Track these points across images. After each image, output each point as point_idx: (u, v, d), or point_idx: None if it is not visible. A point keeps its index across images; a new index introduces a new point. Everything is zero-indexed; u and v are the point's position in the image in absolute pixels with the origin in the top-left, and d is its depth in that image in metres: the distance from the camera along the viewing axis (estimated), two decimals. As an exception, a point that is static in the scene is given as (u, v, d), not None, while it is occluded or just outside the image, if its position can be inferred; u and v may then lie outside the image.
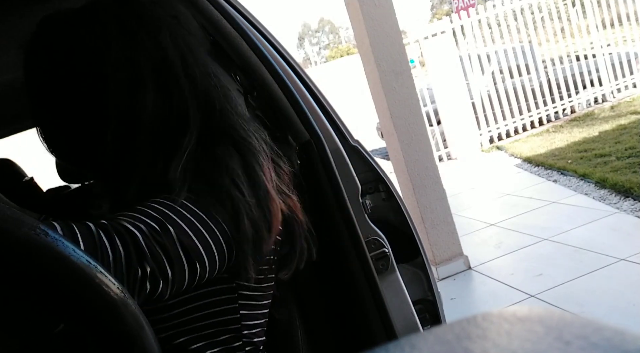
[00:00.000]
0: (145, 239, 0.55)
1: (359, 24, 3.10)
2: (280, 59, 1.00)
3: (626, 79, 7.64)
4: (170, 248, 0.56)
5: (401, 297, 1.01)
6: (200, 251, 0.59)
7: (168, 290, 0.57)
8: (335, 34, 72.75)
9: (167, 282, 0.56)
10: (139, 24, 0.68)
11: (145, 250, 0.54)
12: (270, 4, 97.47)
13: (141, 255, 0.54)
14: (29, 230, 0.39)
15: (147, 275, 0.54)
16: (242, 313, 0.72)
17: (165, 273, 0.56)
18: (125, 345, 0.42)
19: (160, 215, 0.58)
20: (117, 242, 0.52)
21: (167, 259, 0.56)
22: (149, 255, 0.54)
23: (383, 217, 1.07)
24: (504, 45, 7.26)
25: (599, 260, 2.93)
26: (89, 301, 0.41)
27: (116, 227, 0.54)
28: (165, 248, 0.56)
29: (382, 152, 8.76)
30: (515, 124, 7.22)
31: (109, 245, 0.52)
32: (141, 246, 0.54)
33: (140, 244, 0.54)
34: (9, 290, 0.40)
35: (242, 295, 0.71)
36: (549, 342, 0.16)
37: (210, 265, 0.61)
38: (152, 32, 0.68)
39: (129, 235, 0.54)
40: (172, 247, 0.57)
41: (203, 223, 0.61)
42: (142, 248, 0.54)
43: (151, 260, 0.54)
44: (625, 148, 4.91)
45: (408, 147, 3.13)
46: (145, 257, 0.54)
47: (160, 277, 0.55)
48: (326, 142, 0.98)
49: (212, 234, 0.61)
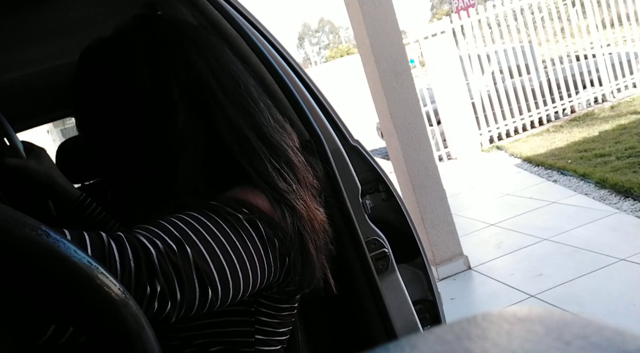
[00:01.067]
0: (159, 257, 0.53)
1: (359, 24, 3.10)
2: (280, 59, 1.00)
3: (626, 79, 7.64)
4: (183, 270, 0.54)
5: (401, 297, 1.01)
6: (215, 278, 0.57)
7: (175, 313, 0.55)
8: (335, 34, 72.73)
9: (175, 304, 0.54)
10: (166, 48, 0.69)
11: (158, 268, 0.52)
12: (270, 4, 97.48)
13: (152, 272, 0.52)
14: (30, 230, 0.39)
15: (156, 294, 0.52)
16: (257, 338, 0.70)
17: (174, 294, 0.54)
18: (125, 345, 0.42)
19: (181, 233, 0.56)
20: (129, 254, 0.51)
21: (178, 280, 0.54)
22: (160, 273, 0.52)
23: (383, 217, 1.07)
24: (504, 45, 7.26)
25: (599, 260, 2.93)
26: (89, 302, 0.41)
27: (131, 240, 0.53)
28: (178, 269, 0.54)
29: (382, 152, 8.76)
30: (515, 124, 7.22)
31: (119, 256, 0.50)
32: (154, 263, 0.52)
33: (153, 261, 0.52)
34: (9, 290, 0.40)
35: (260, 320, 0.70)
36: (549, 342, 0.16)
37: (223, 293, 0.59)
38: (179, 53, 0.69)
39: (143, 250, 0.52)
40: (187, 269, 0.55)
41: (222, 247, 0.59)
42: (155, 266, 0.52)
43: (162, 279, 0.52)
44: (625, 148, 4.91)
45: (408, 147, 3.13)
46: (156, 275, 0.52)
47: (169, 298, 0.53)
48: (326, 142, 0.98)
49: (229, 259, 0.59)
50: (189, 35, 0.71)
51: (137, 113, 0.68)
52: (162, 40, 0.69)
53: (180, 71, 0.68)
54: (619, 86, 7.64)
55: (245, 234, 0.61)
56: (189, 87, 0.68)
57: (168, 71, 0.67)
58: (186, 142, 0.67)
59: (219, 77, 0.69)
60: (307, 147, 0.94)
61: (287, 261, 0.66)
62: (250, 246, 0.61)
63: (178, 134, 0.67)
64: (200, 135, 0.68)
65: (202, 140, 0.68)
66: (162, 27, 0.71)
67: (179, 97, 0.67)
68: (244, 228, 0.62)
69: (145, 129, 0.68)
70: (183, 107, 0.67)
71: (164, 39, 0.69)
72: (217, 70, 0.70)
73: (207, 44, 0.72)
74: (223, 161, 0.69)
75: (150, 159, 0.68)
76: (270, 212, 0.66)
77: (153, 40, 0.69)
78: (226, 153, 0.68)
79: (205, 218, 0.60)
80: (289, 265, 0.67)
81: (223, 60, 0.72)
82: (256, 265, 0.62)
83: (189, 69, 0.68)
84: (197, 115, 0.68)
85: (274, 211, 0.66)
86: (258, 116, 0.71)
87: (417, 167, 3.15)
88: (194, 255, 0.56)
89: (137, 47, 0.69)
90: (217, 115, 0.68)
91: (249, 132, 0.69)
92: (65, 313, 0.41)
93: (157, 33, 0.70)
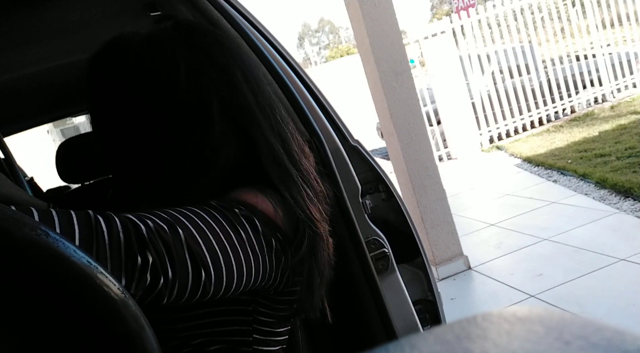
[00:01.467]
0: (149, 232, 0.52)
1: (359, 24, 3.10)
2: (280, 59, 1.00)
3: (626, 79, 7.64)
4: (174, 247, 0.54)
5: (401, 297, 1.01)
6: (207, 260, 0.57)
7: (167, 291, 0.54)
8: (335, 34, 72.74)
9: (168, 280, 0.53)
10: (211, 62, 0.68)
11: (148, 241, 0.51)
12: (270, 4, 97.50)
13: (142, 244, 0.51)
14: (29, 230, 0.39)
15: (148, 265, 0.51)
16: (255, 338, 0.70)
17: (166, 269, 0.52)
18: (125, 345, 0.42)
19: (172, 217, 0.56)
20: (118, 227, 0.50)
21: (169, 256, 0.53)
22: (151, 245, 0.52)
23: (383, 217, 1.07)
24: (504, 45, 7.26)
25: (599, 260, 2.93)
26: (89, 301, 0.41)
27: (120, 217, 0.52)
28: (168, 245, 0.53)
29: (382, 152, 8.76)
30: (515, 124, 7.22)
31: (107, 228, 0.49)
32: (143, 236, 0.51)
33: (143, 235, 0.52)
34: (9, 290, 0.40)
35: (257, 320, 0.70)
36: (549, 342, 0.16)
37: (216, 278, 0.58)
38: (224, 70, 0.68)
39: (132, 224, 0.52)
40: (178, 247, 0.54)
41: (215, 235, 0.59)
42: (144, 238, 0.51)
43: (153, 251, 0.51)
44: (625, 148, 4.91)
45: (408, 147, 3.13)
46: (147, 246, 0.51)
47: (161, 272, 0.52)
48: (326, 142, 0.98)
49: (222, 246, 0.59)
50: (232, 54, 0.71)
51: (172, 115, 0.66)
52: (207, 53, 0.68)
53: (223, 89, 0.68)
54: (619, 86, 7.64)
55: (241, 227, 0.61)
56: (230, 105, 0.68)
57: (210, 84, 0.67)
58: (219, 154, 0.67)
59: (258, 99, 0.70)
60: None
61: (284, 261, 0.66)
62: (245, 239, 0.61)
63: (213, 144, 0.67)
64: (232, 152, 0.68)
65: (234, 157, 0.68)
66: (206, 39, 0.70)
67: (217, 109, 0.67)
68: (239, 222, 0.61)
69: (179, 133, 0.66)
70: (220, 119, 0.67)
71: (210, 52, 0.69)
72: (257, 93, 0.70)
73: (249, 65, 0.72)
74: (246, 179, 0.69)
75: (179, 163, 0.67)
76: (272, 214, 0.66)
77: (196, 51, 0.68)
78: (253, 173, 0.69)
79: (201, 210, 0.60)
80: (286, 266, 0.67)
81: (261, 82, 0.72)
82: (250, 259, 0.61)
83: (232, 88, 0.68)
84: (233, 132, 0.68)
85: (275, 214, 0.66)
86: (290, 141, 0.71)
87: (417, 167, 3.15)
88: (185, 236, 0.55)
89: (178, 52, 0.67)
90: (261, 141, 0.68)
91: (284, 157, 0.69)
92: (65, 313, 0.41)
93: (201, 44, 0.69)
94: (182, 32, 0.69)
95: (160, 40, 0.68)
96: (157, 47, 0.67)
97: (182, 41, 0.68)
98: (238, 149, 0.69)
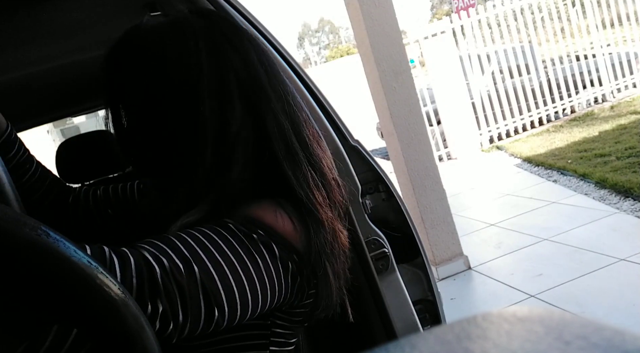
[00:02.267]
0: (164, 275, 0.51)
1: (359, 24, 3.10)
2: (280, 59, 1.00)
3: (626, 79, 7.64)
4: (188, 290, 0.53)
5: (401, 297, 1.01)
6: (222, 298, 0.56)
7: (177, 334, 0.53)
8: (335, 34, 72.73)
9: (178, 325, 0.53)
10: (229, 43, 0.68)
11: (161, 287, 0.51)
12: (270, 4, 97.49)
13: (155, 292, 0.50)
14: (30, 230, 0.39)
15: (158, 313, 0.50)
16: (272, 350, 0.70)
17: (177, 315, 0.52)
18: (125, 345, 0.42)
19: (189, 251, 0.55)
20: (132, 270, 0.50)
21: (182, 301, 0.52)
22: (163, 293, 0.51)
23: (383, 217, 1.07)
24: (504, 45, 7.26)
25: (599, 260, 2.93)
26: (89, 301, 0.41)
27: (135, 256, 0.52)
28: (182, 290, 0.52)
29: (382, 152, 8.76)
30: (515, 124, 7.22)
31: (120, 272, 0.49)
32: (157, 282, 0.51)
33: (157, 280, 0.51)
34: (10, 290, 0.40)
35: (275, 332, 0.70)
36: (549, 342, 0.16)
37: (230, 314, 0.57)
38: (240, 50, 0.68)
39: (147, 267, 0.51)
40: (192, 289, 0.53)
41: (232, 268, 0.57)
42: (158, 285, 0.51)
43: (165, 299, 0.51)
44: (625, 148, 4.91)
45: (408, 147, 3.13)
46: (159, 295, 0.51)
47: (171, 319, 0.52)
48: (326, 142, 0.98)
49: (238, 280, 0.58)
50: (247, 35, 0.71)
51: (196, 99, 0.65)
52: (224, 34, 0.68)
53: (239, 68, 0.67)
54: (619, 86, 7.64)
55: (259, 255, 0.60)
56: (245, 83, 0.67)
57: (228, 64, 0.67)
58: (241, 136, 0.66)
59: (272, 81, 0.70)
60: None
61: (299, 280, 0.65)
62: (262, 267, 0.60)
63: (235, 126, 0.66)
64: (251, 132, 0.67)
65: (252, 137, 0.68)
66: (223, 22, 0.70)
67: (236, 91, 0.67)
68: (257, 249, 0.60)
69: (201, 116, 0.65)
70: (239, 101, 0.67)
71: (226, 34, 0.69)
72: (270, 74, 0.70)
73: (262, 48, 0.72)
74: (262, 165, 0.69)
75: (207, 149, 0.65)
76: (290, 235, 0.64)
77: (214, 33, 0.68)
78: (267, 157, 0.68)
79: (217, 236, 0.58)
80: (301, 284, 0.65)
81: (274, 66, 0.72)
82: (267, 287, 0.60)
83: (248, 67, 0.68)
84: (250, 113, 0.67)
85: (293, 232, 0.64)
86: (302, 126, 0.71)
87: (417, 167, 3.15)
88: (201, 275, 0.54)
89: (199, 35, 0.66)
90: (270, 118, 0.68)
91: (292, 137, 0.69)
92: (65, 313, 0.41)
93: (218, 26, 0.69)
94: (199, 16, 0.69)
95: (180, 25, 0.67)
96: (178, 32, 0.67)
97: (201, 24, 0.68)
98: (252, 132, 0.68)
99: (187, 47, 0.66)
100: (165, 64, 0.65)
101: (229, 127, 0.66)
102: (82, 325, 0.42)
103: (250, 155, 0.67)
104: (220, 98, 0.66)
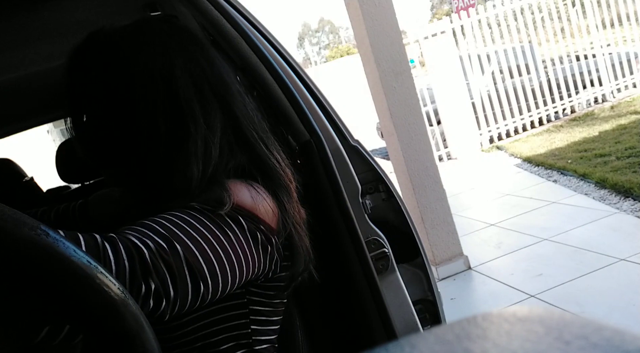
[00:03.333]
0: (152, 255, 0.54)
1: (359, 24, 3.10)
2: (280, 59, 1.00)
3: (626, 79, 7.64)
4: (176, 267, 0.56)
5: (401, 297, 1.01)
6: (205, 272, 0.59)
7: (169, 310, 0.56)
8: (335, 34, 72.73)
9: (169, 301, 0.55)
10: (194, 43, 0.72)
11: (151, 266, 0.54)
12: (270, 4, 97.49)
13: (146, 271, 0.53)
14: (29, 230, 0.39)
15: (151, 292, 0.53)
16: (253, 328, 0.72)
17: (168, 291, 0.55)
18: (125, 344, 0.42)
19: (168, 232, 0.58)
20: (123, 254, 0.52)
21: (171, 277, 0.55)
22: (154, 271, 0.54)
23: (383, 217, 1.07)
24: (504, 45, 7.26)
25: (599, 260, 2.93)
26: (89, 301, 0.41)
27: (123, 240, 0.54)
28: (170, 267, 0.55)
29: (382, 152, 8.76)
30: (515, 124, 7.22)
31: (114, 257, 0.51)
32: (147, 262, 0.53)
33: (146, 260, 0.53)
34: (9, 290, 0.40)
35: (253, 310, 0.72)
36: (549, 342, 0.16)
37: (213, 287, 0.60)
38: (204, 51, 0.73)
39: (135, 250, 0.53)
40: (179, 266, 0.56)
41: (209, 243, 0.60)
42: (148, 264, 0.53)
43: (156, 277, 0.54)
44: (625, 148, 4.91)
45: (408, 147, 3.13)
46: (150, 273, 0.53)
47: (163, 296, 0.54)
48: (326, 142, 0.98)
49: (217, 254, 0.61)
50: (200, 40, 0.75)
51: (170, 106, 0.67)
52: (187, 37, 0.72)
53: (206, 67, 0.71)
54: (619, 86, 7.64)
55: (229, 229, 0.64)
56: (214, 82, 0.71)
57: (200, 70, 0.71)
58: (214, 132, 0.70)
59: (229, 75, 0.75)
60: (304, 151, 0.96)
61: (270, 249, 0.69)
62: (234, 240, 0.63)
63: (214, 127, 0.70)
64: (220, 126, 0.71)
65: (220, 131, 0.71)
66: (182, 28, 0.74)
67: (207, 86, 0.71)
68: (226, 224, 0.64)
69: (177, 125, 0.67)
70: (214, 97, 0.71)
71: (188, 36, 0.73)
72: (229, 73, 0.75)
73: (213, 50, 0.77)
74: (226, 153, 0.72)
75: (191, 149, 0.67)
76: (252, 207, 0.68)
77: (180, 36, 0.71)
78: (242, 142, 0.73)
79: (189, 217, 0.61)
80: (272, 253, 0.69)
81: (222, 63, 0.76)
82: (241, 258, 0.64)
83: (212, 65, 0.72)
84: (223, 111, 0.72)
85: (254, 206, 0.68)
86: (256, 118, 0.77)
87: (417, 167, 3.15)
88: (184, 252, 0.57)
89: (165, 38, 0.69)
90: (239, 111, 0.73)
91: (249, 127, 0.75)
92: (64, 313, 0.41)
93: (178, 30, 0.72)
94: (167, 25, 0.72)
95: (143, 29, 0.70)
96: (141, 35, 0.69)
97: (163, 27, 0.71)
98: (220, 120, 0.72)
99: (150, 50, 0.68)
100: (128, 67, 0.67)
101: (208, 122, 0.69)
102: (82, 324, 0.42)
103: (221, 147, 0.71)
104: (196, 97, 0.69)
